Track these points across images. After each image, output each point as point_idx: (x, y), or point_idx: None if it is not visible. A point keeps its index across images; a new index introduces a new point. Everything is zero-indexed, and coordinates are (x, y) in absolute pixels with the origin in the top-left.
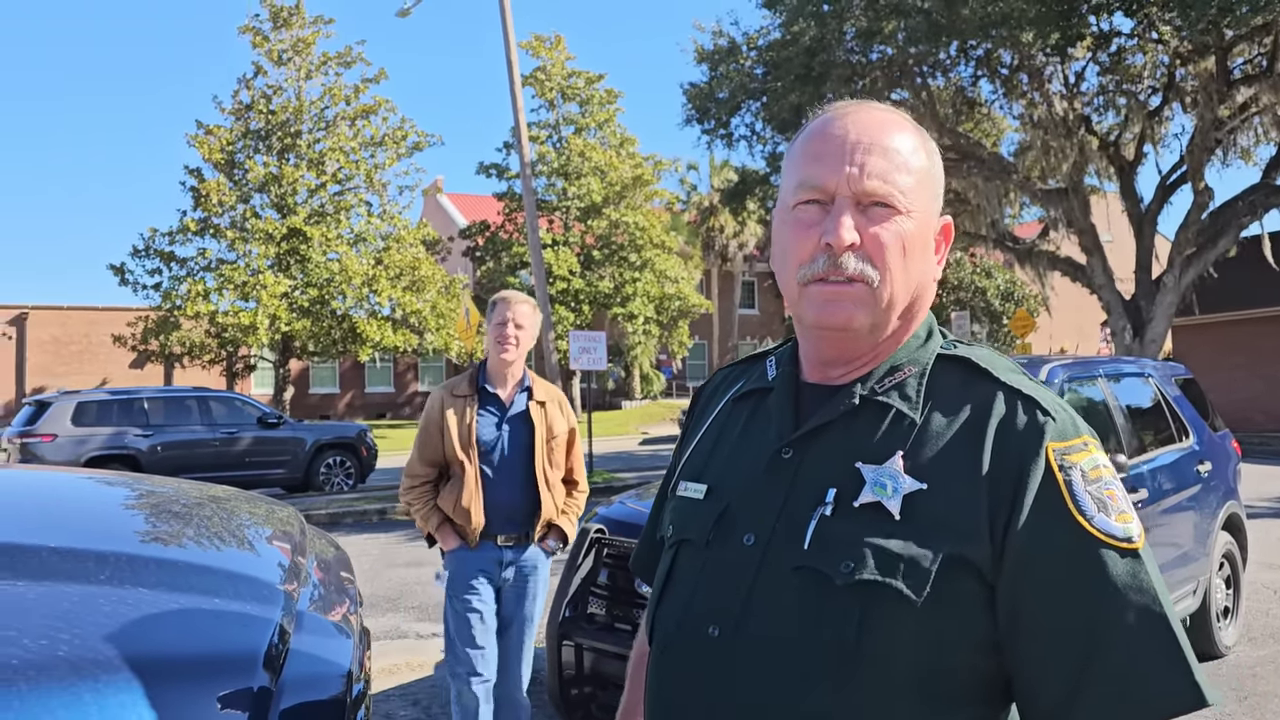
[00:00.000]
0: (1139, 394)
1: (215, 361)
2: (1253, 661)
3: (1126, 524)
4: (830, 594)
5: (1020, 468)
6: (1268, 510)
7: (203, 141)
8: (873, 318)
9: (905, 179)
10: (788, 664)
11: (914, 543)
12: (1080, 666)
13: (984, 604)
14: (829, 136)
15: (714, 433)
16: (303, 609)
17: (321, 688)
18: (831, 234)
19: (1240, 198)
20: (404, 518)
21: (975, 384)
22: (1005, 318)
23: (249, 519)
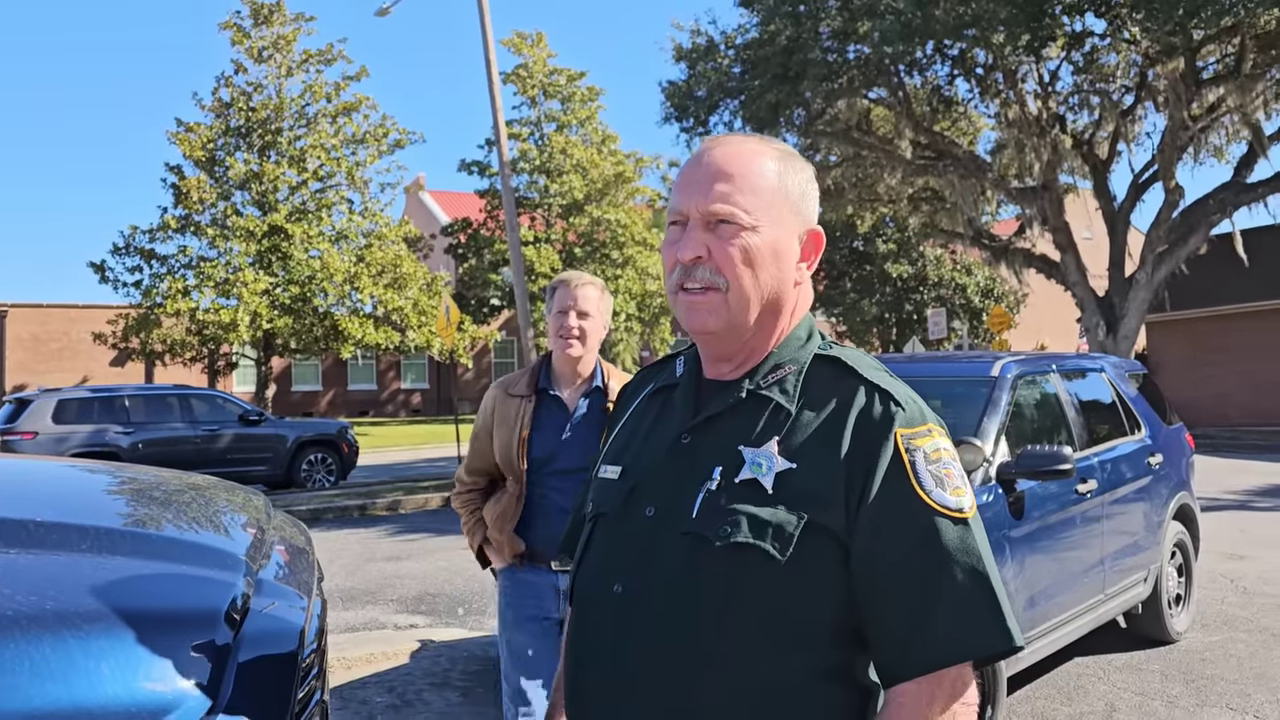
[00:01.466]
0: (1092, 389)
1: (196, 359)
2: (1203, 647)
3: (959, 497)
4: (709, 554)
5: (874, 449)
6: (1234, 502)
7: (183, 139)
8: (727, 320)
9: (749, 199)
10: (675, 613)
11: (782, 511)
12: (916, 613)
13: (839, 563)
14: (693, 169)
15: (631, 423)
16: (264, 578)
17: (276, 643)
18: (680, 249)
19: (1211, 196)
20: (386, 513)
21: (843, 380)
22: (985, 314)
23: (220, 503)
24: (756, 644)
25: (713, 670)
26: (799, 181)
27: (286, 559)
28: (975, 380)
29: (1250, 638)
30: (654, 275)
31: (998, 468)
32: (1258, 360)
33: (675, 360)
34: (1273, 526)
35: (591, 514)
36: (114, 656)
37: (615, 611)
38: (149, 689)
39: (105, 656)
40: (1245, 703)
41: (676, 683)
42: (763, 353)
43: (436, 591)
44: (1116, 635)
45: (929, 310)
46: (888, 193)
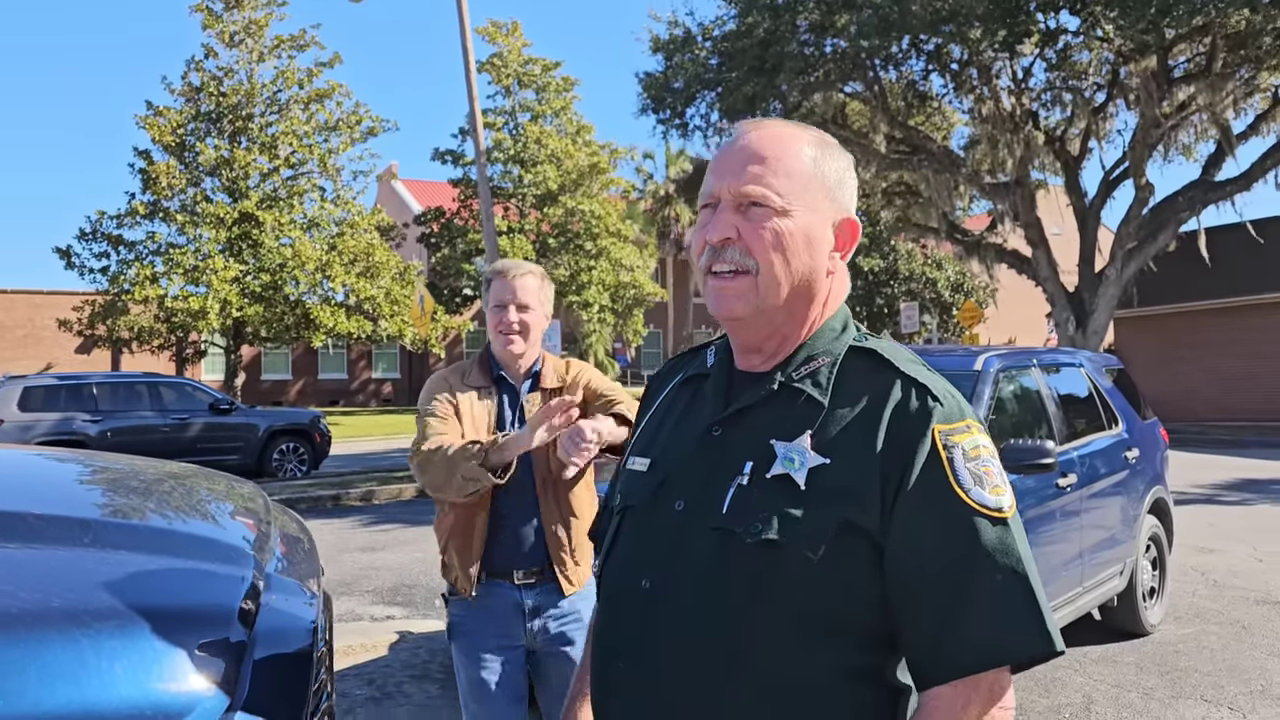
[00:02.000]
0: (1072, 383)
1: (164, 347)
2: (1176, 639)
3: (999, 496)
4: (740, 550)
5: (910, 445)
6: (1202, 497)
7: (152, 123)
8: (756, 305)
9: (783, 182)
10: (703, 609)
11: (814, 509)
12: (952, 614)
13: (873, 563)
14: (727, 151)
15: (660, 414)
16: (270, 572)
17: (291, 641)
18: (709, 231)
19: (1180, 193)
20: (359, 504)
21: (879, 372)
22: (955, 309)
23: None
24: (784, 642)
25: (739, 668)
26: (836, 169)
27: (286, 551)
28: (958, 374)
29: (1222, 630)
30: (627, 267)
31: None
32: (1223, 356)
33: (706, 349)
34: (1240, 520)
35: (620, 506)
36: (127, 656)
37: (643, 606)
38: (165, 689)
39: (118, 656)
40: (1219, 694)
41: (702, 679)
42: (795, 343)
43: (413, 583)
44: (1091, 627)
45: (901, 304)
46: (862, 186)
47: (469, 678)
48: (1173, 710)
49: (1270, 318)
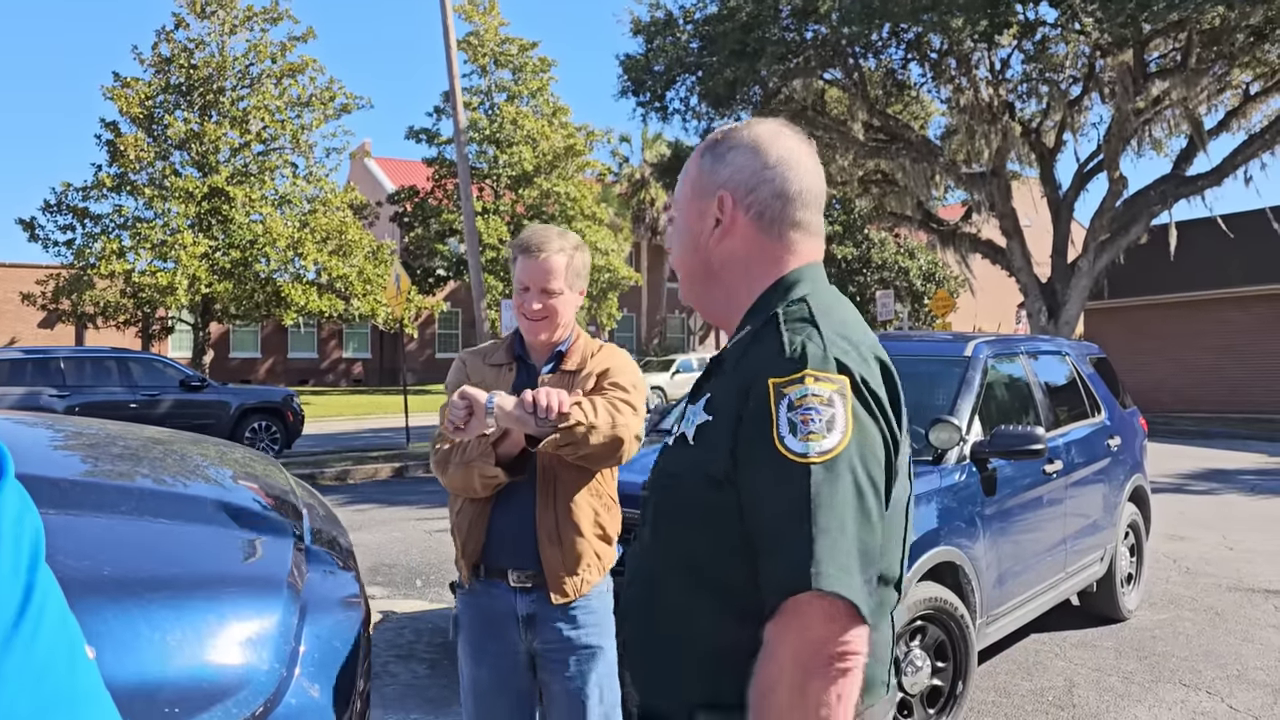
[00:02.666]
0: (1056, 371)
1: (130, 323)
2: (1152, 625)
3: (806, 444)
4: (644, 504)
5: (749, 395)
6: (1170, 485)
7: (120, 94)
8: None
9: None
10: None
11: (697, 463)
12: (764, 555)
13: (730, 503)
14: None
15: None
16: (310, 545)
17: (341, 611)
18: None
19: (1152, 187)
20: (334, 483)
21: (768, 333)
22: (927, 298)
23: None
24: (671, 586)
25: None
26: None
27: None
28: (949, 360)
29: (1196, 616)
30: (602, 250)
31: (972, 446)
32: (1190, 349)
33: None
34: (1209, 508)
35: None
36: (181, 627)
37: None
38: (220, 661)
39: (171, 627)
40: (1197, 679)
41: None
42: (737, 320)
43: (392, 562)
44: (1070, 613)
45: (877, 292)
46: (839, 174)
47: (468, 674)
48: (1152, 694)
49: (1237, 311)
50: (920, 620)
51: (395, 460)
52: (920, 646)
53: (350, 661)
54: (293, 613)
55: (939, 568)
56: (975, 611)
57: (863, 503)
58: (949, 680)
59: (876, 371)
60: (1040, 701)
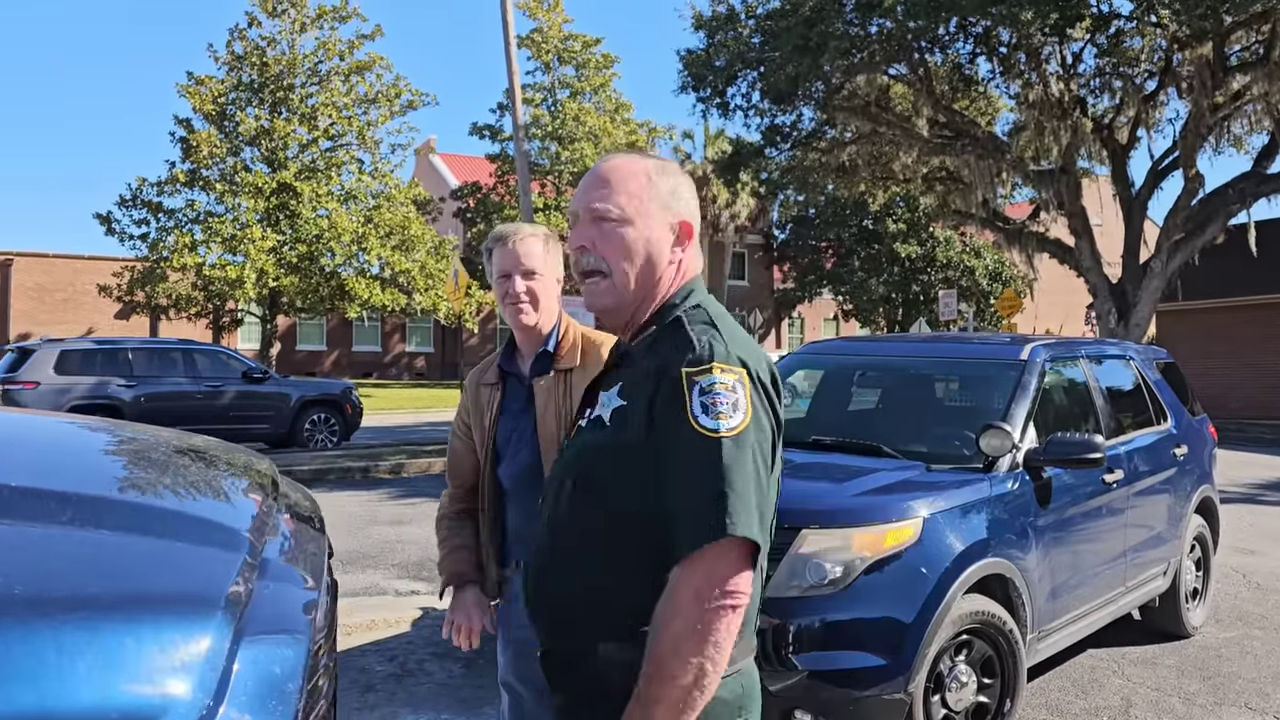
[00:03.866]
0: (1119, 376)
1: (201, 315)
2: (1219, 643)
3: (717, 421)
4: (565, 475)
5: (660, 382)
6: (1241, 496)
7: (194, 92)
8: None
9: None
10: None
11: (614, 439)
12: (678, 508)
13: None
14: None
15: None
16: (269, 557)
17: (283, 635)
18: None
19: (1231, 185)
20: (389, 476)
21: (678, 332)
22: (993, 298)
23: (224, 469)
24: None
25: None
26: (664, 186)
27: (294, 533)
28: (1004, 363)
29: (1266, 635)
30: None
31: (1025, 454)
32: (1266, 353)
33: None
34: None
35: None
36: (93, 652)
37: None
38: (134, 691)
39: (83, 652)
40: (1265, 703)
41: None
42: (641, 320)
43: (438, 557)
44: (1130, 628)
45: (939, 291)
46: (903, 171)
47: (500, 670)
48: (1215, 716)
49: None
50: (966, 634)
51: None
52: (966, 662)
53: (288, 689)
54: (226, 635)
55: (987, 580)
56: (1026, 626)
57: (759, 472)
58: (996, 698)
59: (766, 369)
60: None
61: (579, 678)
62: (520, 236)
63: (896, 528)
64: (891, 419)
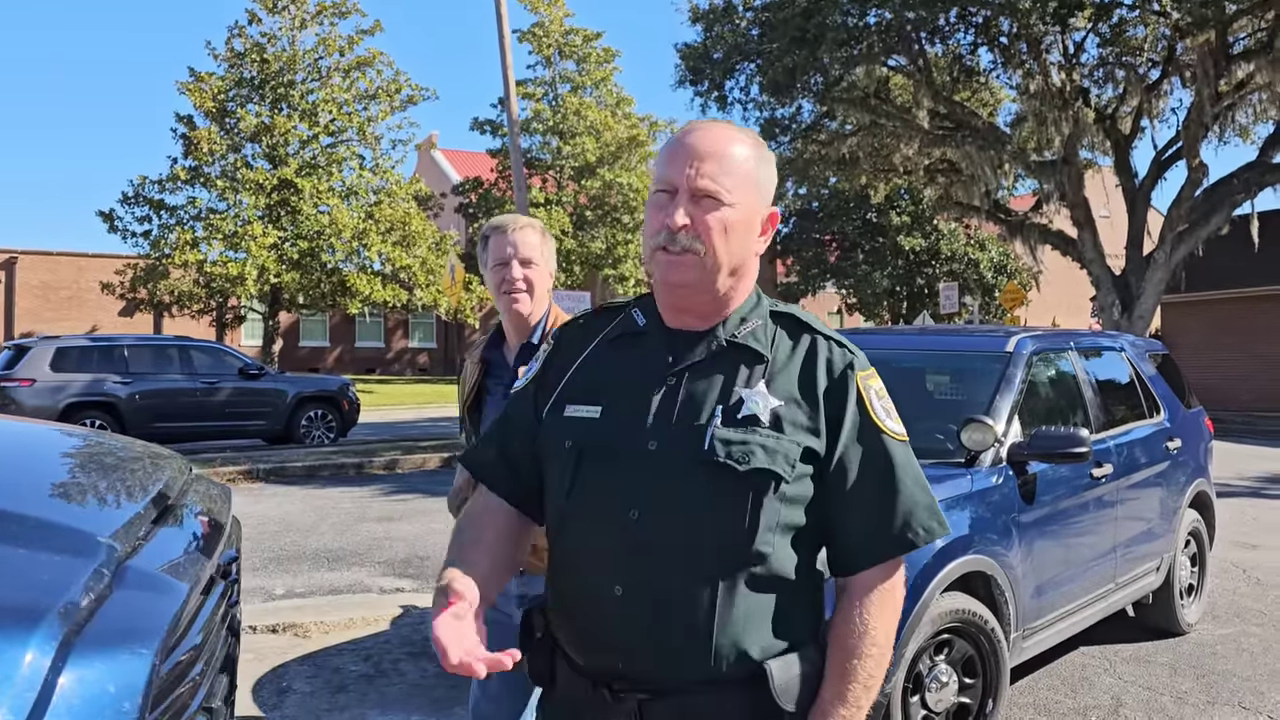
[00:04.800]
0: (1111, 368)
1: (204, 311)
2: (1214, 640)
3: (899, 424)
4: (732, 478)
5: (843, 387)
6: (1246, 490)
7: (194, 89)
8: (699, 279)
9: (729, 179)
10: (701, 529)
11: (783, 440)
12: (881, 511)
13: (817, 478)
14: (680, 145)
15: (590, 367)
16: (135, 564)
17: (125, 646)
18: (669, 216)
19: (1235, 175)
20: (382, 472)
21: (802, 332)
22: (998, 290)
23: (115, 472)
24: (768, 545)
25: (733, 567)
26: (769, 170)
27: (191, 537)
28: (989, 355)
29: (1264, 631)
30: None
31: (1009, 448)
32: (1272, 344)
33: (629, 310)
34: None
35: (572, 449)
36: None
37: (635, 533)
38: None
39: None
40: (1259, 701)
41: (699, 580)
42: (729, 309)
43: (426, 554)
44: (1123, 624)
45: (941, 284)
46: (903, 163)
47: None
48: (1207, 716)
49: None
50: (946, 633)
51: (445, 450)
52: (946, 661)
53: (131, 707)
54: (48, 651)
55: (969, 577)
56: (1009, 625)
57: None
58: (978, 698)
59: None
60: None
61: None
62: (518, 226)
63: None
64: None
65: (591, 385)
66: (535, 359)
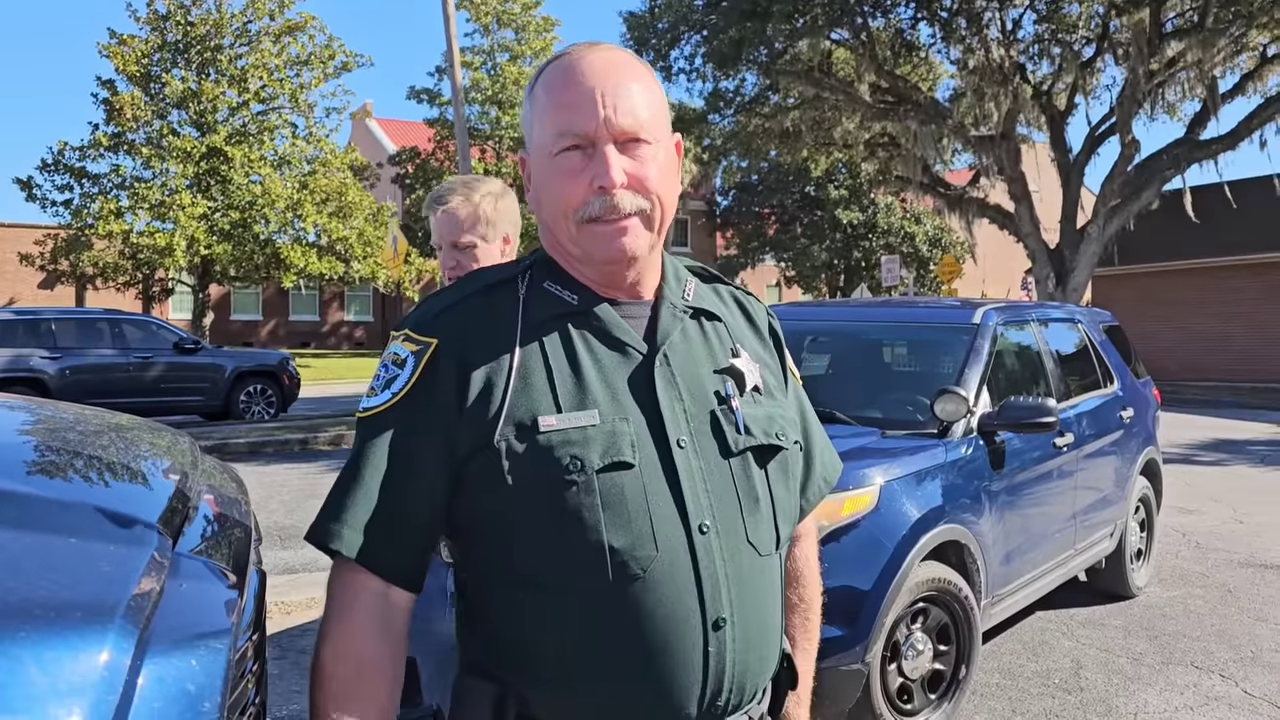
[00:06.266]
0: (1068, 339)
1: (130, 284)
2: (1162, 602)
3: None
4: (773, 459)
5: (777, 337)
6: (1179, 456)
7: (116, 52)
8: (649, 241)
9: (645, 111)
10: (757, 529)
11: (785, 404)
12: (821, 452)
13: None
14: (577, 79)
15: (534, 365)
16: (183, 551)
17: (199, 641)
18: (603, 177)
19: (1165, 151)
20: (328, 448)
21: (718, 283)
22: (933, 263)
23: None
24: (784, 531)
25: (777, 570)
26: (662, 89)
27: (216, 520)
28: (956, 327)
29: (1208, 593)
30: None
31: (980, 419)
32: (1198, 316)
33: (542, 287)
34: (1218, 481)
35: (581, 468)
36: None
37: (702, 548)
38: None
39: None
40: (1209, 660)
41: (770, 593)
42: (657, 269)
43: None
44: (1077, 590)
45: (882, 256)
46: (844, 137)
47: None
48: (1163, 676)
49: (1248, 279)
50: (922, 602)
51: None
52: (922, 630)
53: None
54: (127, 649)
55: (943, 546)
56: (980, 592)
57: None
58: (951, 664)
59: None
60: (1046, 684)
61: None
62: (450, 204)
63: (854, 495)
64: (844, 385)
65: (556, 386)
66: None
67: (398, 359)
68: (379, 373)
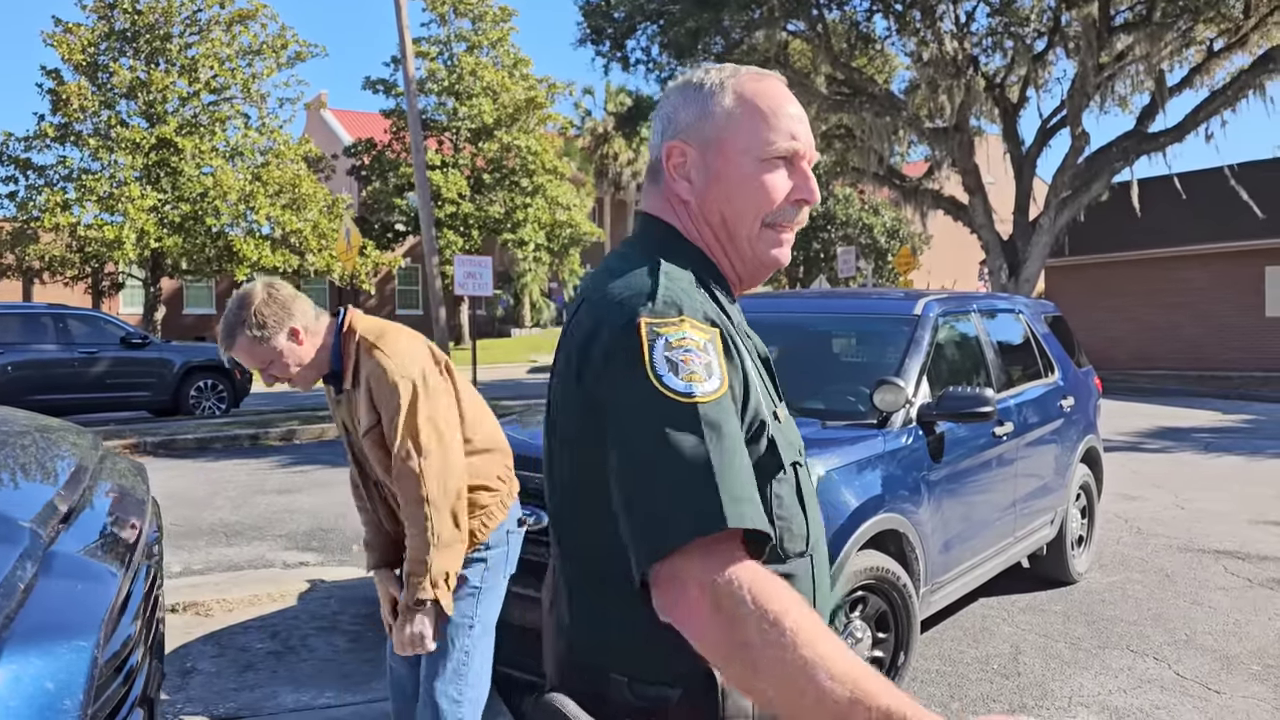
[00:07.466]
0: (1010, 330)
1: (79, 278)
2: (1102, 588)
3: None
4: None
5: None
6: (1125, 444)
7: (61, 40)
8: None
9: None
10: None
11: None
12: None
13: None
14: (794, 103)
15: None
16: (60, 550)
17: (62, 640)
18: (810, 193)
19: (1114, 144)
20: (279, 444)
21: None
22: (890, 255)
23: (26, 451)
24: None
25: None
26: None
27: (110, 519)
28: (897, 318)
29: (1146, 578)
30: (564, 205)
31: (919, 409)
32: (1147, 306)
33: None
34: (1162, 467)
35: (791, 461)
36: None
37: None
38: None
39: None
40: (1144, 644)
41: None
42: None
43: (330, 527)
44: (1019, 576)
45: (838, 248)
46: None
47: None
48: (1099, 660)
49: (1196, 269)
50: (861, 590)
51: None
52: (861, 618)
53: (73, 704)
54: None
55: (881, 536)
56: (919, 580)
57: None
58: (890, 651)
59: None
60: (985, 670)
61: None
62: (227, 347)
63: None
64: (789, 377)
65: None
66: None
67: (698, 344)
68: (684, 359)
